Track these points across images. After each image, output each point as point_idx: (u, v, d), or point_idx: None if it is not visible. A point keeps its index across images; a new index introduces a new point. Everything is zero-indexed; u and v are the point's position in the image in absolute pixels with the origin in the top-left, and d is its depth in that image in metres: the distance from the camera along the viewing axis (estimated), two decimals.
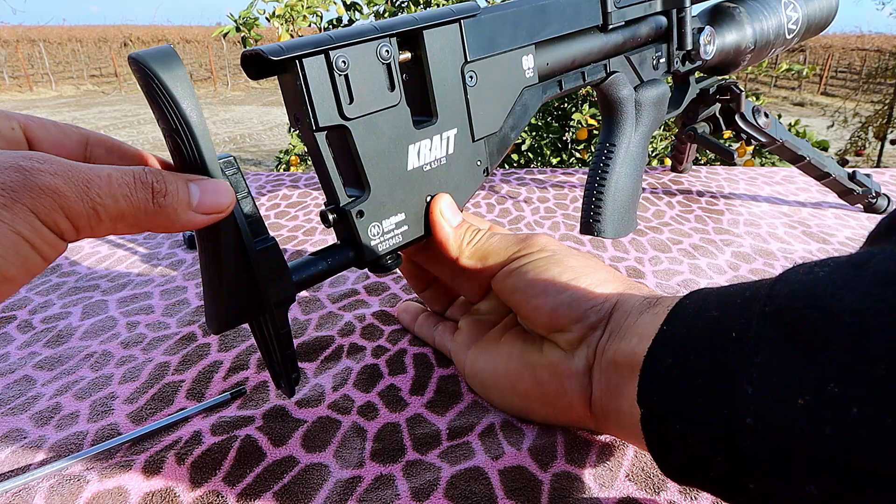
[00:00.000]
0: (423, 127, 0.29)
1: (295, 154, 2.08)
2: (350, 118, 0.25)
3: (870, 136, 4.44)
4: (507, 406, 0.30)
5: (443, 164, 0.30)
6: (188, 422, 0.30)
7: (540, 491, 0.26)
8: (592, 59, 0.38)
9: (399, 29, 0.26)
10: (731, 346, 0.18)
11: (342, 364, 0.35)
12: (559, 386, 0.26)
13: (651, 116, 0.43)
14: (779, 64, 2.07)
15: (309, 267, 0.27)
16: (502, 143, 0.33)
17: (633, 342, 0.22)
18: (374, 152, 0.27)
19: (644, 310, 0.24)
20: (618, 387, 0.23)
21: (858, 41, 14.77)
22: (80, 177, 0.16)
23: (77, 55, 15.30)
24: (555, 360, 0.26)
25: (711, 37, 0.47)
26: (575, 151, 1.78)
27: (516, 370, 0.28)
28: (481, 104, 0.31)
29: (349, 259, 0.28)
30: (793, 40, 0.55)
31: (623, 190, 0.43)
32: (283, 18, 1.52)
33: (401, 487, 0.26)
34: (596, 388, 0.25)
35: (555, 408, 0.27)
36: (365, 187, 0.27)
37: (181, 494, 0.26)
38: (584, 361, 0.25)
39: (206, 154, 0.20)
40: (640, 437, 0.21)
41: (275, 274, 0.24)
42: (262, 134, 6.55)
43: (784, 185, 0.69)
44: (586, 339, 0.25)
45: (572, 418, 0.27)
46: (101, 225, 0.17)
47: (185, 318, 0.41)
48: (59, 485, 0.26)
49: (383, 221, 0.28)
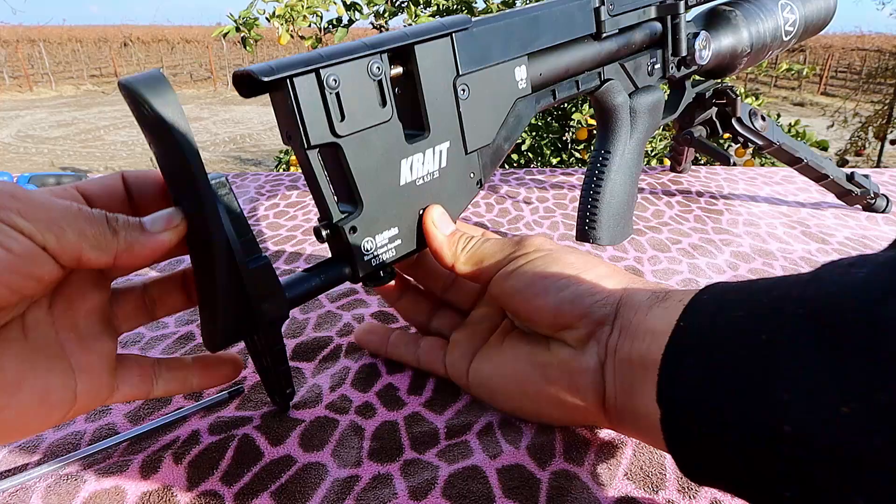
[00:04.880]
0: (416, 141, 0.28)
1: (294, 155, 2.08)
2: (342, 135, 0.25)
3: (870, 136, 4.44)
4: (517, 411, 0.29)
5: (436, 177, 0.30)
6: (186, 421, 0.30)
7: (538, 490, 0.25)
8: (586, 68, 0.38)
9: (390, 45, 0.26)
10: (762, 350, 0.17)
11: (340, 364, 0.35)
12: (571, 384, 0.25)
13: (646, 123, 0.43)
14: (779, 64, 2.07)
15: (302, 283, 0.27)
16: (495, 154, 0.33)
17: (647, 340, 0.22)
18: (367, 168, 0.27)
19: (653, 304, 0.23)
20: (633, 386, 0.22)
21: (858, 41, 14.77)
22: (42, 199, 0.19)
23: (77, 55, 15.30)
24: (565, 358, 0.26)
25: (707, 41, 0.46)
26: (575, 151, 1.79)
27: (525, 372, 0.27)
28: (474, 117, 0.31)
29: (343, 274, 0.28)
30: (790, 42, 0.55)
31: (618, 197, 0.43)
32: (283, 18, 1.52)
33: (398, 486, 0.26)
34: (609, 386, 0.24)
35: (566, 408, 0.26)
36: (358, 203, 0.27)
37: (178, 494, 0.26)
38: (596, 358, 0.24)
39: (197, 176, 0.20)
40: (658, 437, 0.20)
41: (268, 292, 0.24)
42: (262, 134, 6.55)
43: (783, 185, 0.69)
44: (595, 336, 0.25)
45: (585, 418, 0.26)
46: (64, 235, 0.19)
47: (184, 317, 0.41)
48: (56, 484, 0.26)
49: (377, 236, 0.28)
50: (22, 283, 0.18)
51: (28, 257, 0.18)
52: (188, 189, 0.21)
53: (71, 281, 0.23)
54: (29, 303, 0.21)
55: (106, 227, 0.20)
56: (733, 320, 0.18)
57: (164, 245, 0.21)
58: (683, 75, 0.47)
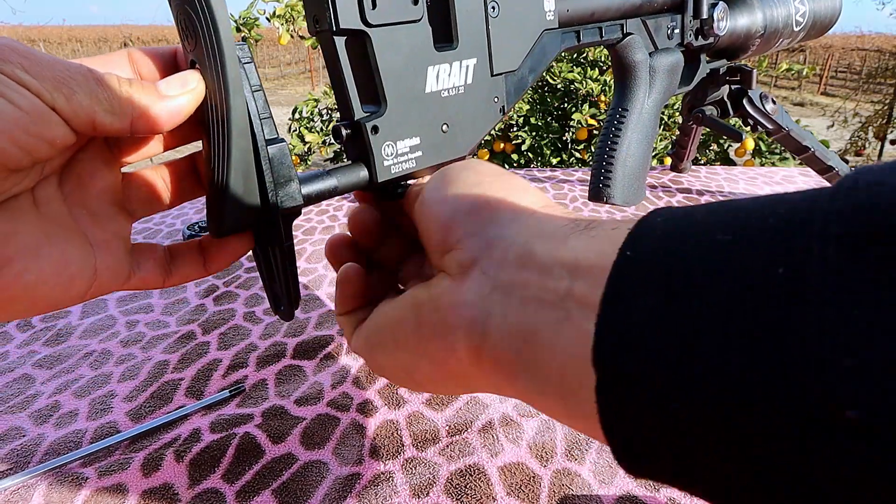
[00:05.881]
0: (444, 50, 0.28)
1: (295, 154, 2.08)
2: (372, 24, 0.25)
3: (870, 136, 4.45)
4: (392, 369, 0.23)
5: (461, 93, 0.30)
6: (187, 419, 0.30)
7: (539, 488, 0.25)
8: (610, 17, 0.39)
9: None
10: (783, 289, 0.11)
11: (341, 362, 0.35)
12: (439, 322, 0.20)
13: (664, 83, 0.44)
14: (779, 64, 2.07)
15: (317, 180, 0.25)
16: (520, 83, 0.33)
17: (564, 276, 0.16)
18: (393, 67, 0.26)
19: (570, 232, 0.17)
20: (538, 335, 0.16)
21: (858, 41, 14.77)
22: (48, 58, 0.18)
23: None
24: (438, 292, 0.20)
25: (725, 13, 0.48)
26: (575, 151, 1.79)
27: (399, 316, 0.22)
28: (502, 37, 0.31)
29: (360, 179, 0.27)
30: (799, 34, 0.56)
31: (634, 156, 0.43)
32: (284, 18, 1.52)
33: (399, 484, 0.26)
34: (495, 331, 0.18)
35: (434, 357, 0.20)
36: (381, 103, 0.26)
37: (180, 492, 0.26)
38: (475, 291, 0.19)
39: (221, 30, 0.19)
40: (572, 407, 0.15)
41: (284, 178, 0.23)
42: None
43: (783, 185, 0.69)
44: (479, 263, 0.19)
45: (455, 371, 0.20)
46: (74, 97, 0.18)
47: (185, 316, 0.41)
48: (57, 482, 0.26)
49: (398, 142, 0.27)
50: (33, 144, 0.17)
51: (37, 115, 0.17)
52: (208, 46, 0.20)
53: (80, 159, 0.21)
54: (40, 174, 0.20)
55: (119, 90, 0.19)
56: (717, 247, 0.13)
57: (181, 109, 0.20)
58: (699, 46, 0.48)
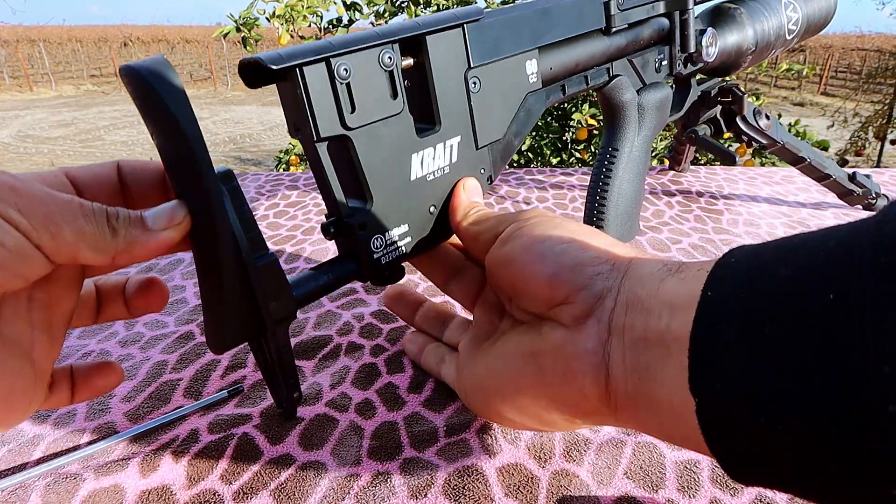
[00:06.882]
0: (426, 135, 0.28)
1: (295, 154, 2.09)
2: (352, 128, 0.25)
3: (870, 136, 4.44)
4: (516, 416, 0.25)
5: (446, 173, 0.29)
6: (185, 420, 0.30)
7: (538, 488, 0.25)
8: (595, 63, 0.38)
9: (401, 35, 0.25)
10: (833, 312, 0.13)
11: (340, 362, 0.35)
12: (566, 371, 0.21)
13: (654, 120, 0.43)
14: (779, 64, 2.07)
15: (309, 282, 0.26)
16: (506, 149, 0.32)
17: (664, 315, 0.18)
18: (377, 162, 0.26)
19: (665, 276, 0.20)
20: (649, 371, 0.19)
21: (858, 41, 14.77)
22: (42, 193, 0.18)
23: (77, 55, 15.31)
24: (558, 342, 0.22)
25: (713, 38, 0.46)
26: (575, 151, 1.78)
27: (516, 367, 0.24)
28: (485, 110, 0.30)
29: (351, 272, 0.27)
30: (792, 40, 0.55)
31: (626, 195, 0.42)
32: (283, 18, 1.52)
33: (398, 485, 0.26)
34: (617, 371, 0.20)
35: (565, 401, 0.22)
36: (367, 199, 0.26)
37: (178, 492, 0.26)
38: (596, 338, 0.21)
39: (203, 168, 0.20)
40: (687, 431, 0.17)
41: (275, 290, 0.23)
42: (262, 134, 6.55)
43: (783, 185, 0.69)
44: (593, 313, 0.21)
45: (587, 413, 0.22)
46: (61, 234, 0.18)
47: (184, 316, 0.41)
48: (55, 483, 0.26)
49: (386, 234, 0.27)
50: (8, 280, 0.17)
51: (20, 254, 0.17)
52: (193, 182, 0.20)
53: (54, 279, 0.21)
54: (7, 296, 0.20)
55: (105, 226, 0.19)
56: (779, 281, 0.15)
57: (166, 243, 0.20)
58: (690, 72, 0.47)
